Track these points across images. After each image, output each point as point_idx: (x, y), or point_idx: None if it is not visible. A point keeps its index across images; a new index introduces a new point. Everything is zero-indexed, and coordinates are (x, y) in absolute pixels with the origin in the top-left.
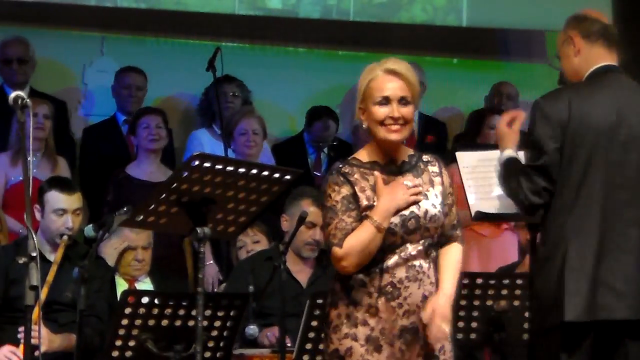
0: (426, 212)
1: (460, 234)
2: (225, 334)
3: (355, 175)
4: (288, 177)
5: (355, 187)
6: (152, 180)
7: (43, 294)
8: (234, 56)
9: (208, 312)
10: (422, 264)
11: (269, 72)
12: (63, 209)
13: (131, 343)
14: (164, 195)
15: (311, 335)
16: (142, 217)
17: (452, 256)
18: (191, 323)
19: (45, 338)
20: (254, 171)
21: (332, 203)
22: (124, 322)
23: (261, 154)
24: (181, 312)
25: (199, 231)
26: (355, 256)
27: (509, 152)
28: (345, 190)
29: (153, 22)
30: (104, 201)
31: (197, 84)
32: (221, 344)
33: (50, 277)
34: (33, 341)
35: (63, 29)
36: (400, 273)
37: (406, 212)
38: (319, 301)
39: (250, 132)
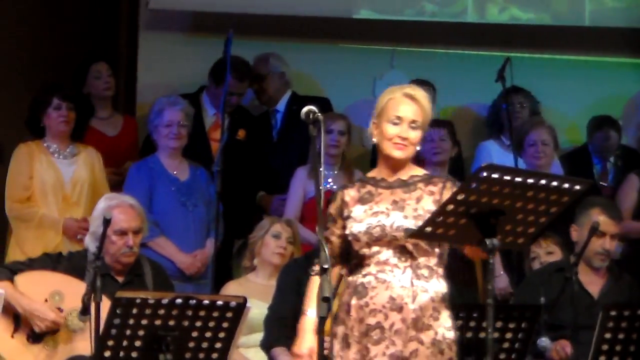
0: (393, 222)
1: None
2: (516, 346)
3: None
4: (578, 187)
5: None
6: None
7: (334, 306)
8: (523, 67)
9: (499, 324)
10: (394, 269)
11: (555, 82)
12: None
13: None
14: (452, 206)
15: (604, 347)
16: (430, 229)
17: None
18: (482, 335)
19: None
20: (543, 182)
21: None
22: None
23: (552, 165)
24: (472, 323)
25: (488, 242)
26: None
27: None
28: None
29: (442, 35)
30: None
31: (487, 94)
32: (512, 356)
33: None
34: (325, 352)
35: (355, 44)
36: (370, 275)
37: (373, 221)
38: (613, 313)
39: (540, 143)
